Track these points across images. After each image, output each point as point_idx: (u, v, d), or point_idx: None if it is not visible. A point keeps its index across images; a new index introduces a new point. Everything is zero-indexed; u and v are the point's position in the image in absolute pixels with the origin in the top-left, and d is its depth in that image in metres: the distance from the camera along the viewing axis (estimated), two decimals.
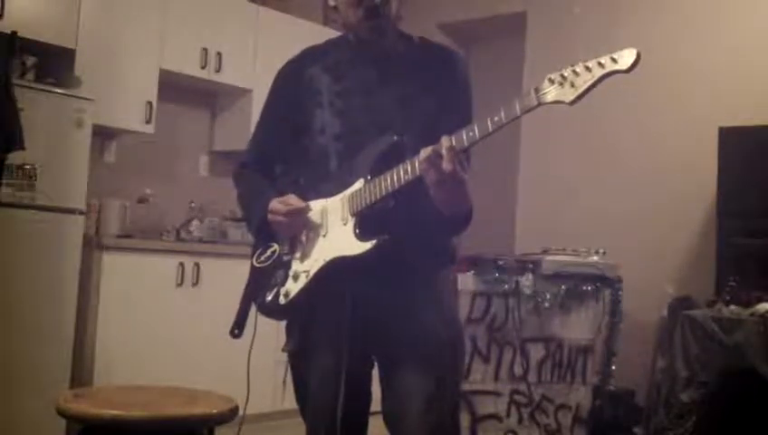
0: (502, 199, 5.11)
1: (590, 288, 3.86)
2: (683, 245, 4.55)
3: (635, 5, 4.89)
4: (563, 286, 3.77)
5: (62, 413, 2.04)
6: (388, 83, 1.81)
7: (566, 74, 1.43)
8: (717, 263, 4.09)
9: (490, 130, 1.50)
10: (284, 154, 1.96)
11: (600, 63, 1.41)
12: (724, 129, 4.20)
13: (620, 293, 3.96)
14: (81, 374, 3.76)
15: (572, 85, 1.43)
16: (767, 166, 3.99)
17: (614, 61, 1.40)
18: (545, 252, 4.05)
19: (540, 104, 1.46)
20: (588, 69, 1.42)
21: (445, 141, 1.54)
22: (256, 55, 4.83)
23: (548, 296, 3.73)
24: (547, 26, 5.28)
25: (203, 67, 4.61)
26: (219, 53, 4.66)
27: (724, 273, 3.92)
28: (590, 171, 4.86)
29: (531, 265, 3.74)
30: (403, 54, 1.85)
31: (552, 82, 1.45)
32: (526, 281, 3.67)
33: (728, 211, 4.10)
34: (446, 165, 1.53)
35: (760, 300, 3.58)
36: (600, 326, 3.90)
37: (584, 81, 1.42)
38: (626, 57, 1.39)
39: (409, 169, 1.60)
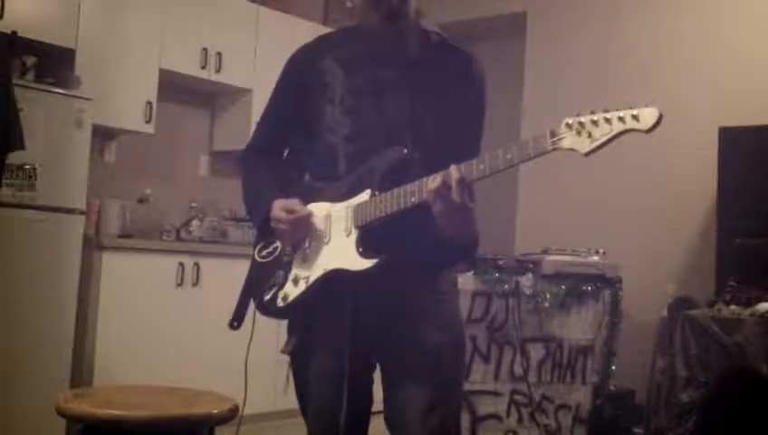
0: (502, 199, 5.11)
1: (590, 288, 3.86)
2: (683, 245, 4.55)
3: (635, 6, 4.89)
4: (563, 286, 3.77)
5: (62, 413, 2.04)
6: (401, 84, 1.77)
7: (584, 122, 1.40)
8: (717, 263, 4.09)
9: (501, 167, 1.48)
10: (292, 141, 1.95)
11: (620, 118, 1.37)
12: (724, 129, 4.20)
13: (620, 293, 3.96)
14: (81, 374, 3.77)
15: (590, 136, 1.40)
16: (767, 166, 3.99)
17: (635, 119, 1.36)
18: (545, 252, 4.04)
19: (555, 149, 1.43)
20: (608, 121, 1.38)
21: (454, 172, 1.52)
22: (256, 55, 4.83)
23: (548, 296, 3.73)
24: (547, 26, 5.28)
25: (203, 67, 4.61)
26: (219, 53, 4.66)
27: (724, 273, 3.92)
28: (589, 171, 4.86)
29: (531, 265, 3.74)
30: (420, 55, 1.80)
31: (569, 127, 1.42)
32: (526, 281, 3.67)
33: (728, 211, 4.09)
34: (454, 196, 1.52)
35: (760, 300, 3.58)
36: (600, 326, 3.90)
37: (602, 133, 1.39)
38: (647, 117, 1.35)
39: (416, 193, 1.59)
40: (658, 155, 4.65)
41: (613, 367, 3.95)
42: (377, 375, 1.85)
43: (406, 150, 1.70)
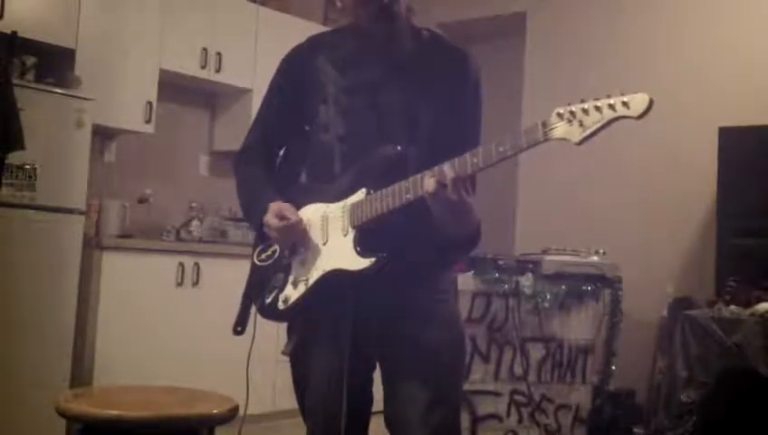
0: (502, 199, 5.11)
1: (590, 288, 3.86)
2: (683, 245, 4.55)
3: (635, 6, 4.89)
4: (563, 286, 3.77)
5: (62, 413, 2.04)
6: (395, 83, 1.77)
7: (575, 111, 1.41)
8: (717, 263, 4.10)
9: (494, 160, 1.48)
10: (286, 140, 1.94)
11: (610, 106, 1.38)
12: (724, 129, 4.20)
13: (620, 293, 3.96)
14: (81, 374, 3.76)
15: (581, 124, 1.40)
16: (767, 166, 3.99)
17: (625, 105, 1.36)
18: (545, 252, 4.04)
19: (546, 140, 1.44)
20: (598, 110, 1.39)
21: (448, 172, 1.52)
22: (256, 55, 4.83)
23: (548, 296, 3.73)
24: (547, 26, 5.28)
25: (203, 67, 4.61)
26: (219, 53, 4.66)
27: (724, 273, 3.92)
28: (589, 171, 4.86)
29: (531, 265, 3.74)
30: (412, 52, 1.80)
31: (560, 117, 1.42)
32: (526, 281, 3.67)
33: (728, 211, 4.10)
34: (450, 195, 1.52)
35: (760, 300, 3.58)
36: (600, 326, 3.90)
37: (593, 122, 1.39)
38: (638, 103, 1.35)
39: (411, 190, 1.59)
40: (658, 155, 4.66)
41: (613, 367, 3.95)
42: (377, 375, 1.85)
43: (399, 147, 1.69)
